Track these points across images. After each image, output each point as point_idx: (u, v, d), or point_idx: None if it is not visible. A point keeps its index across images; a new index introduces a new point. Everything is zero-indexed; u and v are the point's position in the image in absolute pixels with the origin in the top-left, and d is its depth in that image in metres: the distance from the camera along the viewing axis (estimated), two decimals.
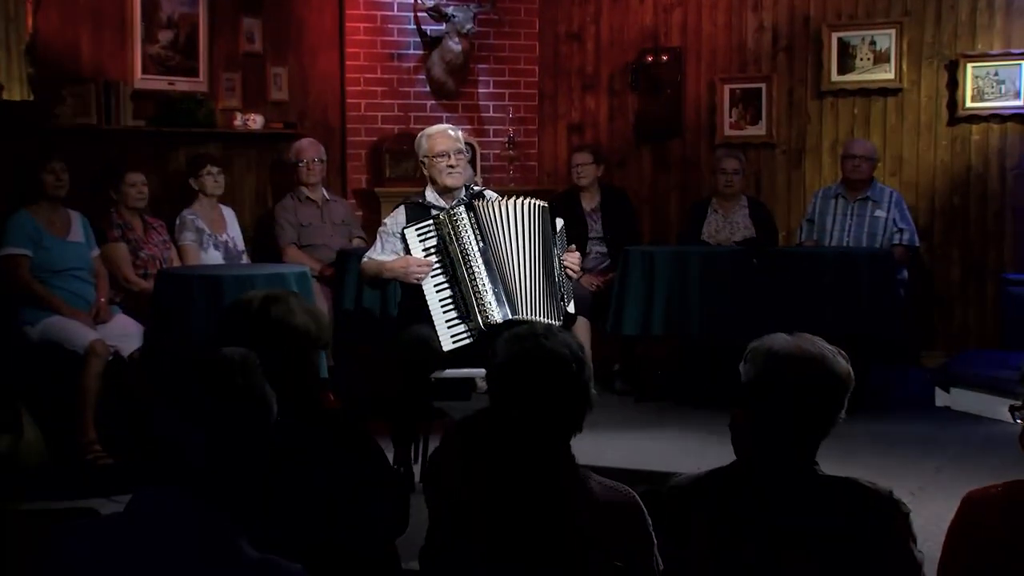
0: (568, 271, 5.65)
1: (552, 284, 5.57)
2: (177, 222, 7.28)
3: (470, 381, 7.52)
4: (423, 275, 5.50)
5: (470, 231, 5.52)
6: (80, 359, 6.09)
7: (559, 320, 5.56)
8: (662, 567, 2.69)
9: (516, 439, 2.54)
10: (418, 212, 5.70)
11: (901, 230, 7.79)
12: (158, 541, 2.11)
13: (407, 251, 5.59)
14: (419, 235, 5.58)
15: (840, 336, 7.65)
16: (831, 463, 2.75)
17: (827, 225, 7.93)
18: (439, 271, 5.55)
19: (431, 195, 5.77)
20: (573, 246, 5.77)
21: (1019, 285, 7.95)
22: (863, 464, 5.42)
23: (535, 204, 5.64)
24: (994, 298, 8.24)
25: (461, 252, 5.50)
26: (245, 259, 7.51)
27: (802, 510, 2.51)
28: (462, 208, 5.58)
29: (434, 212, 5.65)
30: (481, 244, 5.52)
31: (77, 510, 2.80)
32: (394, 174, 8.75)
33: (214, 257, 7.27)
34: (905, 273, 7.75)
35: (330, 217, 7.96)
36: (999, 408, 6.82)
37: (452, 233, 5.50)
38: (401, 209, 5.82)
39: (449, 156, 5.67)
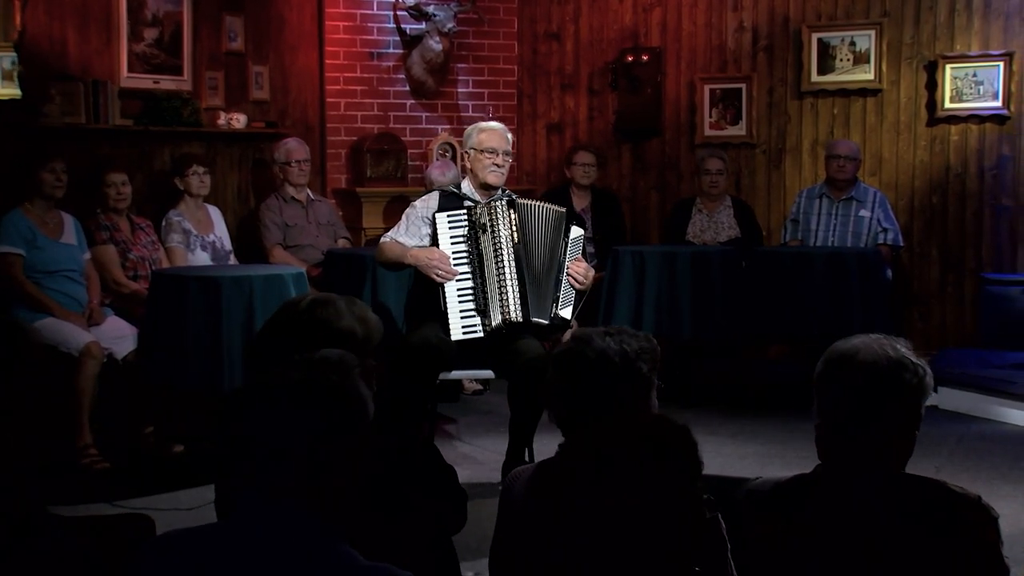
0: (572, 279, 5.68)
1: (557, 286, 5.61)
2: (163, 223, 7.18)
3: (458, 383, 7.52)
4: (445, 278, 5.50)
5: (509, 228, 5.55)
6: (75, 361, 6.01)
7: (547, 320, 5.60)
8: (735, 574, 2.68)
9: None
10: (452, 201, 5.72)
11: (885, 230, 7.84)
12: (265, 552, 2.05)
13: (434, 236, 5.60)
14: (450, 222, 5.59)
15: (830, 335, 7.71)
16: None
17: (811, 225, 7.98)
18: (464, 261, 5.56)
19: (467, 188, 5.78)
20: (580, 256, 5.79)
21: (997, 284, 8.05)
22: None
23: (554, 209, 5.72)
24: (972, 297, 8.32)
25: (494, 246, 5.52)
26: (232, 259, 7.42)
27: (889, 513, 2.51)
28: (504, 203, 5.60)
29: (468, 203, 5.66)
30: (516, 242, 5.54)
31: (131, 516, 2.74)
32: (375, 174, 8.71)
33: (201, 258, 7.18)
34: (889, 273, 7.81)
35: (315, 217, 7.91)
36: (988, 407, 6.92)
37: (489, 225, 5.53)
38: (435, 194, 5.83)
39: (497, 154, 5.71)
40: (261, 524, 2.09)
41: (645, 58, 9.04)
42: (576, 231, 5.75)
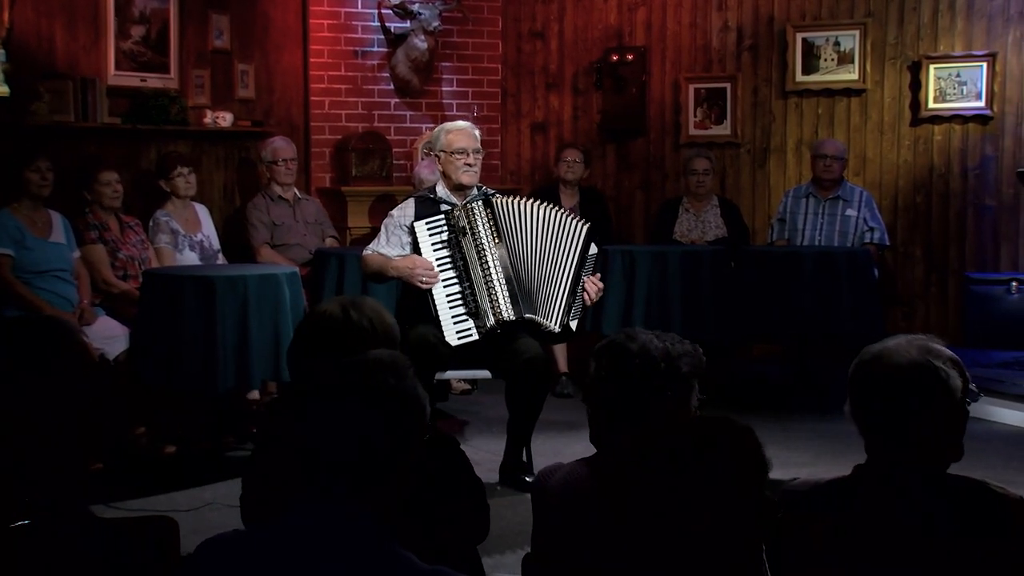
0: (586, 294, 5.67)
1: (572, 296, 5.60)
2: (151, 223, 7.12)
3: (446, 382, 7.50)
4: (430, 283, 5.47)
5: (488, 227, 5.52)
6: None
7: (556, 327, 5.61)
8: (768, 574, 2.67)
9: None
10: (428, 207, 5.69)
11: (872, 229, 7.88)
12: (326, 555, 2.03)
13: (415, 245, 5.57)
14: (429, 230, 5.56)
15: (820, 335, 7.70)
16: (827, 465, 2.76)
17: (799, 225, 8.00)
18: (448, 266, 5.53)
19: (442, 191, 5.75)
20: (599, 274, 5.79)
21: (981, 284, 8.11)
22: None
23: (579, 221, 5.72)
24: (956, 296, 8.38)
25: (476, 248, 5.50)
26: (220, 258, 7.37)
27: (930, 514, 2.51)
28: (480, 204, 5.58)
29: (445, 207, 5.63)
30: (497, 240, 5.52)
31: (154, 518, 2.70)
32: (360, 173, 8.67)
33: (190, 258, 7.13)
34: (876, 272, 7.84)
35: (303, 216, 7.87)
36: (978, 406, 6.88)
37: (468, 227, 5.50)
38: (410, 202, 5.81)
39: (468, 154, 5.68)
40: (320, 527, 2.08)
41: (630, 57, 9.04)
42: (594, 248, 5.74)
